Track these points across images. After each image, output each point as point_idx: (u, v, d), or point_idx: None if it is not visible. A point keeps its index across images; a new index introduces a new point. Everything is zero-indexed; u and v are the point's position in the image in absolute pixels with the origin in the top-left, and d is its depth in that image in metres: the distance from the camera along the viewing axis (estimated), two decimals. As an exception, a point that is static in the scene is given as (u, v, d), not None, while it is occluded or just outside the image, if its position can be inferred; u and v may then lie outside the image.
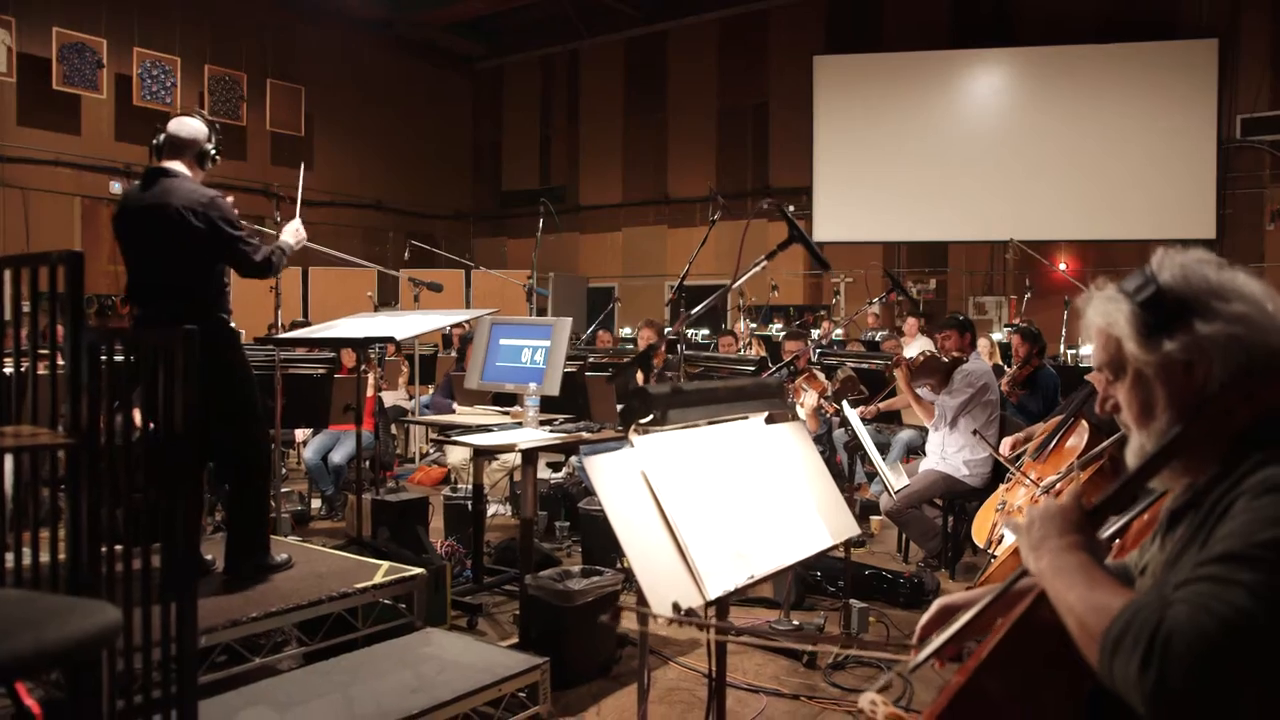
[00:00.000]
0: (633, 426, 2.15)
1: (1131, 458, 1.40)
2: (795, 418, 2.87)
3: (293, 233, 3.98)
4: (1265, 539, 1.10)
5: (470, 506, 4.99)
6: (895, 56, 13.25)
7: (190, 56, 13.34)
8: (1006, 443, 4.71)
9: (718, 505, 2.24)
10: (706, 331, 11.23)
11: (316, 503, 6.81)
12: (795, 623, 4.12)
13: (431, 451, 8.43)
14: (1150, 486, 1.40)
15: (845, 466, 6.40)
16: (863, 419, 5.38)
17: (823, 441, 5.68)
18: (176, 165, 3.61)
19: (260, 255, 3.67)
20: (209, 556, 3.77)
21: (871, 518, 6.15)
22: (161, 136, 3.66)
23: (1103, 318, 1.38)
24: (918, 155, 13.01)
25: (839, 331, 10.07)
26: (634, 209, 15.85)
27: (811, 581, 4.69)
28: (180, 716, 2.46)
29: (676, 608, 2.00)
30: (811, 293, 14.00)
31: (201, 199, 3.52)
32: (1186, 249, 1.38)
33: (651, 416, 2.15)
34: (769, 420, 2.62)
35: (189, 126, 3.68)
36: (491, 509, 6.59)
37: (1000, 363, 7.57)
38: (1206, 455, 1.30)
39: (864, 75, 13.42)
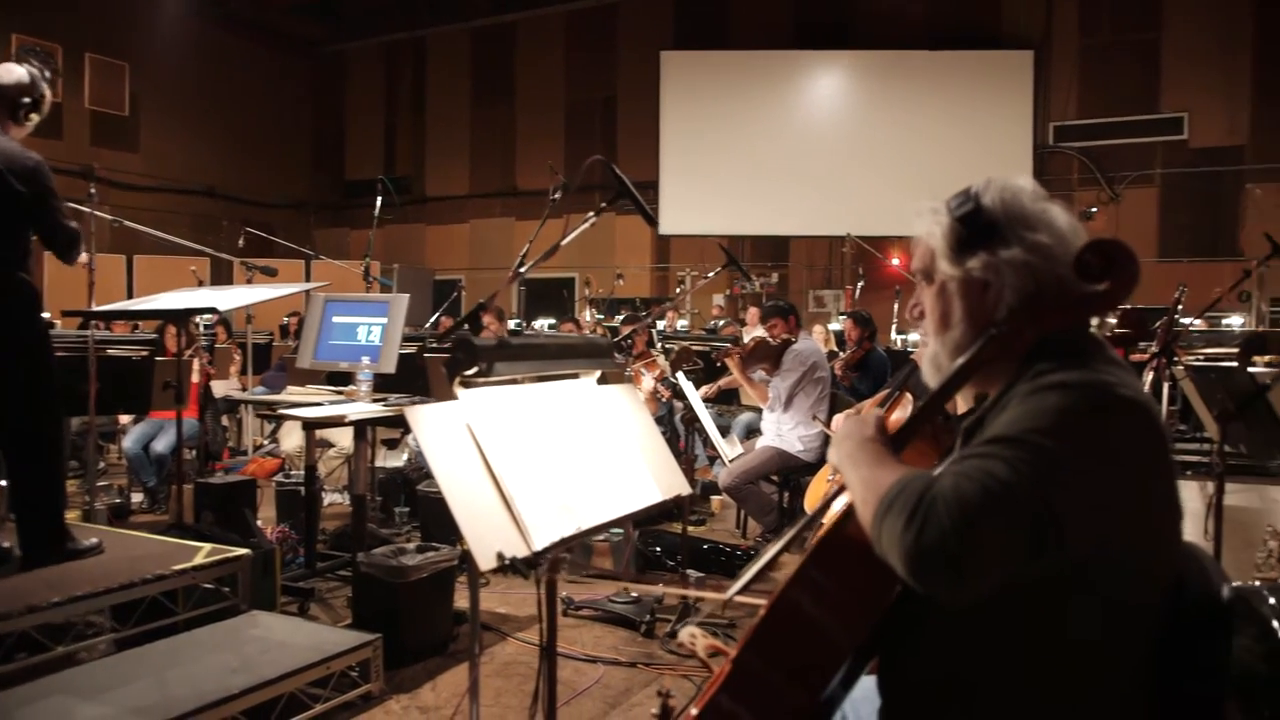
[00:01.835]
0: (458, 379, 2.12)
1: (925, 364, 1.48)
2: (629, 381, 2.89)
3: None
4: (1030, 425, 1.18)
5: (303, 490, 4.82)
6: (740, 54, 13.58)
7: (-5, 24, 12.37)
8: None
9: (545, 459, 2.23)
10: (553, 321, 11.21)
11: (138, 496, 6.42)
12: (634, 595, 4.16)
13: (266, 443, 8.09)
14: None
15: (688, 449, 6.51)
16: (704, 401, 5.47)
17: (664, 423, 5.76)
18: None
19: (72, 229, 3.48)
20: (6, 544, 3.50)
21: (712, 497, 6.28)
22: None
23: (925, 228, 1.46)
24: (761, 152, 13.37)
25: (684, 322, 10.24)
26: (481, 200, 15.67)
27: (651, 556, 4.74)
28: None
29: (501, 557, 1.99)
30: (658, 285, 14.19)
31: (28, 163, 3.32)
32: (1015, 177, 1.47)
33: (477, 369, 2.13)
34: (601, 381, 2.63)
35: (11, 74, 3.42)
36: (329, 498, 6.39)
37: (836, 349, 7.86)
38: (997, 372, 1.38)
39: (710, 72, 13.69)
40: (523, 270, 2.48)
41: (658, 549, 4.76)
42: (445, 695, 3.37)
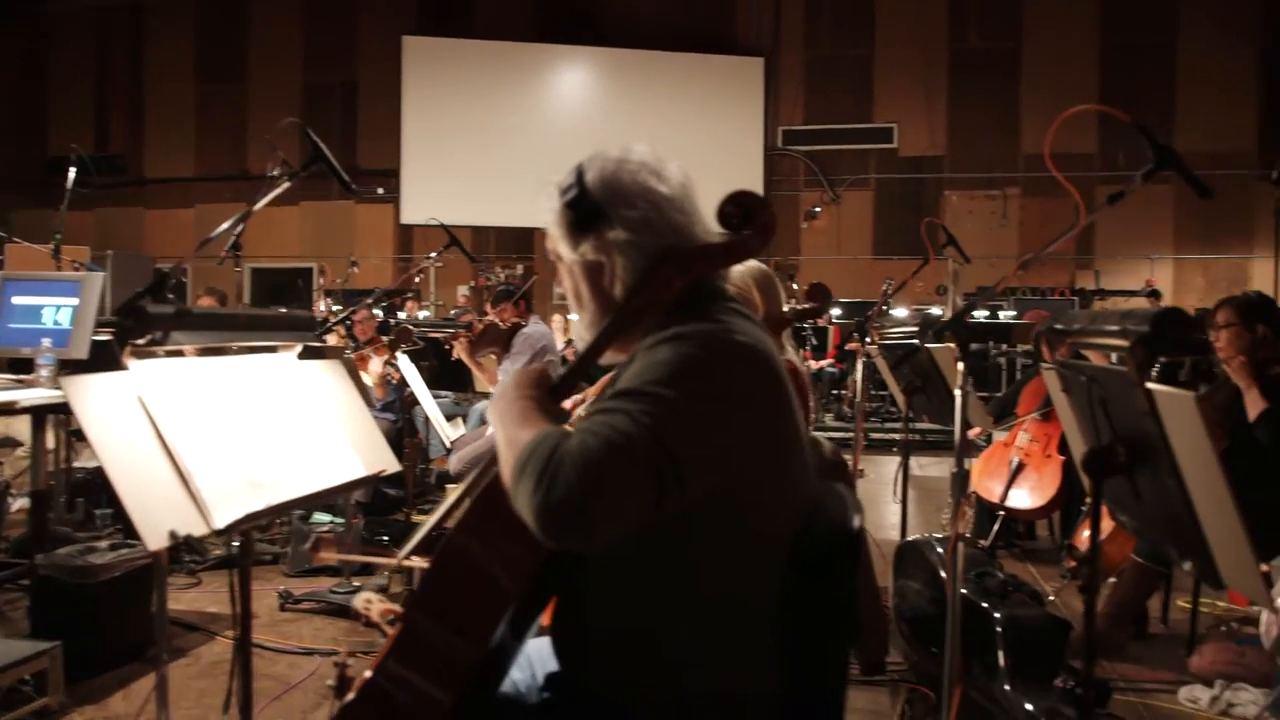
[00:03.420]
0: (128, 348, 1.96)
1: (576, 338, 1.52)
2: (342, 361, 2.78)
3: None
4: (649, 377, 1.22)
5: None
6: (486, 44, 13.45)
7: None
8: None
9: (232, 435, 2.10)
10: (285, 310, 10.67)
11: None
12: (356, 584, 4.03)
13: (-58, 445, 7.16)
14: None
15: (424, 441, 6.40)
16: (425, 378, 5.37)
17: (393, 409, 5.62)
18: None
19: None
20: None
21: (448, 486, 6.20)
22: None
23: (545, 214, 1.47)
24: (507, 143, 13.30)
25: (426, 312, 10.04)
26: (209, 184, 14.60)
27: (379, 544, 4.62)
28: None
29: (174, 535, 1.86)
30: (400, 276, 13.82)
31: None
32: (628, 147, 1.49)
33: (150, 337, 1.97)
34: (303, 355, 2.52)
35: None
36: (17, 503, 5.74)
37: (573, 336, 8.00)
38: (642, 331, 1.39)
39: (455, 60, 13.47)
40: (211, 238, 2.32)
41: (386, 537, 4.65)
42: (139, 702, 3.11)
